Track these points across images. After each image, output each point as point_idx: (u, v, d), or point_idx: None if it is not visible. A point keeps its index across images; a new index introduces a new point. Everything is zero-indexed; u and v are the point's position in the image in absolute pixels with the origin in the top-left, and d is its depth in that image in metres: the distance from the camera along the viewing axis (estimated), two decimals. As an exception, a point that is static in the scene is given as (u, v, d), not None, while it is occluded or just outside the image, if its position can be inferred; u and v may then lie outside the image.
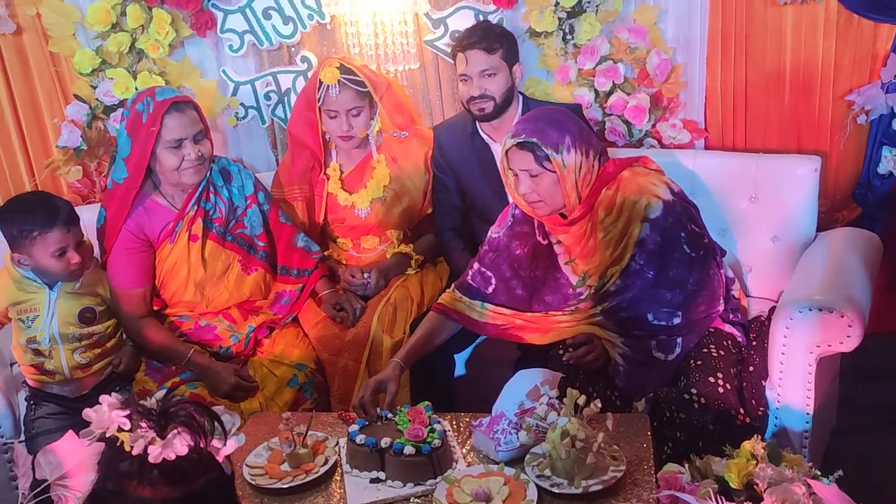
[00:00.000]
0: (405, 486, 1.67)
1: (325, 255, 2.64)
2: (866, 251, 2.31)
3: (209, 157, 2.31)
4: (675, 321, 1.97)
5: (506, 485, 1.60)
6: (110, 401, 1.33)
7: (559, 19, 2.68)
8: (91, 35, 2.81)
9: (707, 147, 2.78)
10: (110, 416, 1.15)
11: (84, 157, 2.91)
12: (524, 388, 1.81)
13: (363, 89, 2.47)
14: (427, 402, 1.83)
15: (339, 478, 1.75)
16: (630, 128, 2.77)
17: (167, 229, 2.34)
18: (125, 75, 2.82)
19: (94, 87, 2.85)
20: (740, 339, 2.12)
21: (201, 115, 2.31)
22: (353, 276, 2.55)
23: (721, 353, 2.01)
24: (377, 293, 2.53)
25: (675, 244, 1.96)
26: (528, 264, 2.16)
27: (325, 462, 1.75)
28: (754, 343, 2.15)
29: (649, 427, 1.81)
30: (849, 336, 1.93)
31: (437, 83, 2.91)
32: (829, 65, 2.59)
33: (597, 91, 2.76)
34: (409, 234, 2.71)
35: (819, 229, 2.47)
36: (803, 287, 2.12)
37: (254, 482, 1.71)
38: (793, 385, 2.02)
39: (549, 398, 1.74)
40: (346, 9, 2.74)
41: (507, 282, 2.17)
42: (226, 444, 1.08)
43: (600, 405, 1.65)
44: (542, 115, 2.06)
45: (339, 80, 2.44)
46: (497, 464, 1.70)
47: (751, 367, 2.08)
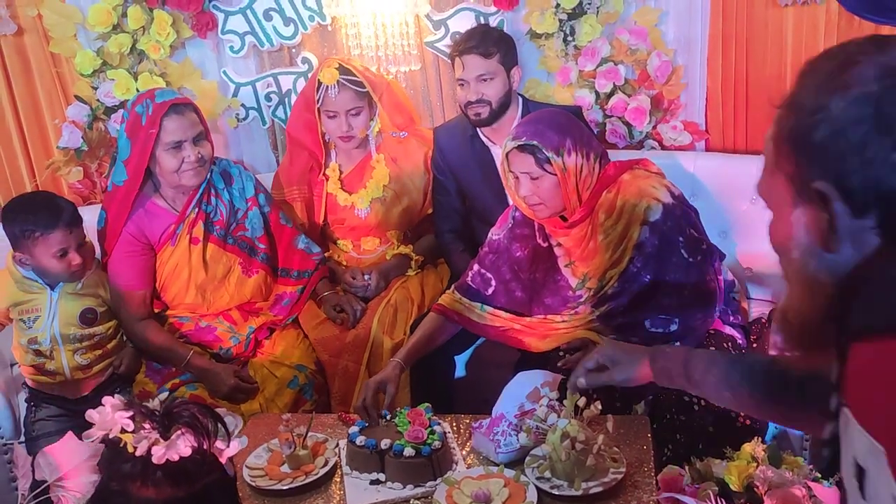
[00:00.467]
0: (405, 487, 1.67)
1: (326, 256, 2.64)
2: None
3: (209, 158, 2.31)
4: (672, 328, 1.96)
5: (506, 486, 1.59)
6: (113, 402, 1.33)
7: (560, 21, 2.68)
8: (92, 36, 2.81)
9: (708, 149, 2.78)
10: (113, 417, 1.15)
11: (85, 158, 2.91)
12: (524, 390, 1.80)
13: (362, 89, 2.47)
14: (427, 404, 1.82)
15: (338, 479, 1.74)
16: (631, 129, 2.77)
17: (168, 232, 2.34)
18: (126, 76, 2.83)
19: (95, 88, 2.86)
20: (741, 342, 2.11)
21: (201, 116, 2.31)
22: (353, 278, 2.55)
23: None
24: (377, 294, 2.53)
25: (673, 248, 1.96)
26: (528, 266, 2.15)
27: (325, 463, 1.74)
28: (755, 345, 2.15)
29: (649, 429, 1.80)
30: (849, 338, 1.92)
31: (438, 85, 2.91)
32: (830, 66, 2.59)
33: (597, 93, 2.76)
34: (409, 234, 2.71)
35: (820, 231, 2.47)
36: (804, 289, 2.12)
37: (253, 483, 1.71)
38: (793, 387, 2.01)
39: (549, 400, 1.74)
40: (347, 10, 2.74)
41: (507, 284, 2.17)
42: (229, 445, 1.09)
43: (600, 407, 1.65)
44: (543, 117, 2.05)
45: (339, 81, 2.44)
46: (497, 465, 1.69)
47: (751, 370, 2.07)
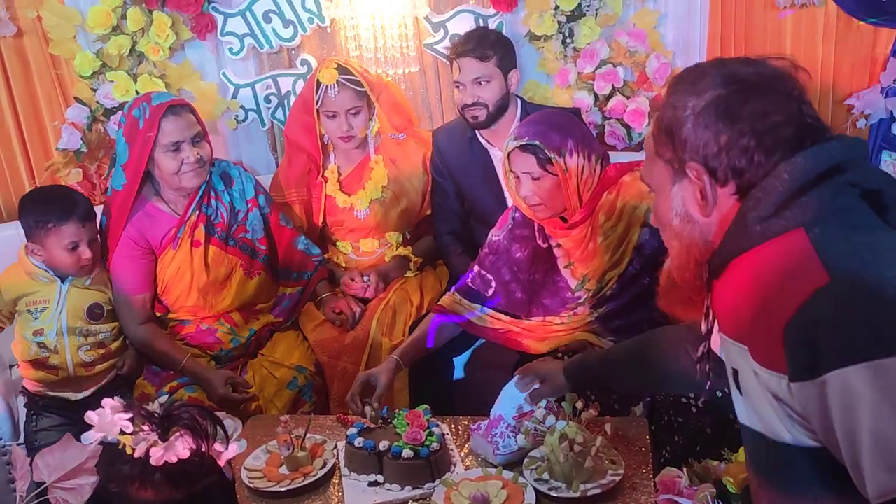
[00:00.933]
0: (403, 489, 1.66)
1: (325, 258, 2.64)
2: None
3: (208, 159, 2.31)
4: None
5: (504, 488, 1.59)
6: (113, 404, 1.34)
7: (559, 23, 2.69)
8: (91, 38, 2.82)
9: (706, 150, 2.78)
10: (112, 419, 1.15)
11: (84, 160, 2.92)
12: (522, 392, 1.81)
13: (361, 89, 2.47)
14: (426, 406, 1.82)
15: (337, 481, 1.74)
16: (629, 131, 2.77)
17: (169, 235, 2.33)
18: (125, 78, 2.83)
19: (95, 90, 2.86)
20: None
21: (198, 117, 2.31)
22: (352, 280, 2.55)
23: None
24: (376, 296, 2.53)
25: None
26: (527, 268, 2.15)
27: (324, 465, 1.74)
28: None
29: (648, 431, 1.80)
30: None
31: (437, 87, 2.92)
32: (829, 69, 2.59)
33: (596, 95, 2.76)
34: (408, 236, 2.71)
35: (819, 233, 2.47)
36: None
37: (252, 485, 1.71)
38: (791, 389, 2.01)
39: (548, 402, 1.74)
40: (346, 12, 2.75)
41: (507, 285, 2.17)
42: (227, 448, 1.09)
43: (598, 409, 1.65)
44: (545, 118, 2.05)
45: (338, 81, 2.44)
46: (495, 467, 1.69)
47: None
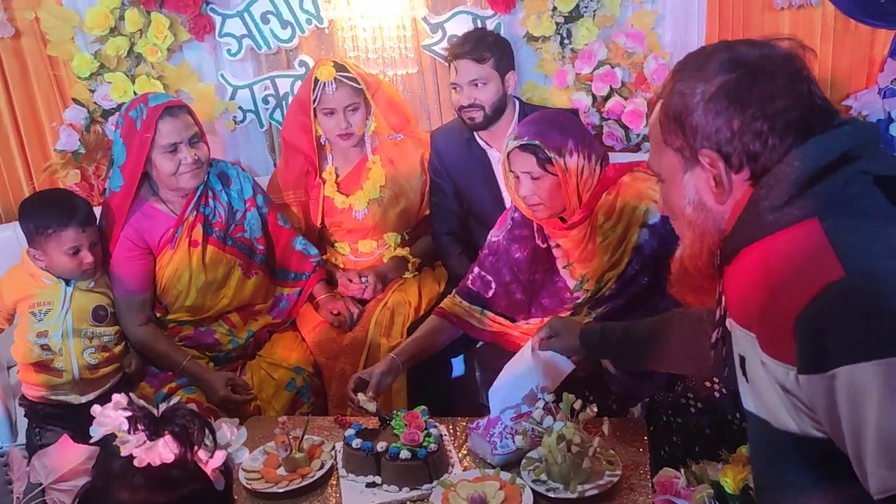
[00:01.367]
0: (401, 490, 1.67)
1: (323, 259, 2.64)
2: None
3: (206, 160, 2.31)
4: None
5: (502, 489, 1.59)
6: (118, 399, 1.34)
7: (557, 24, 2.69)
8: (89, 39, 2.82)
9: (704, 151, 2.78)
10: (113, 414, 1.15)
11: (82, 161, 2.91)
12: (518, 393, 1.81)
13: (358, 86, 2.48)
14: (423, 407, 1.82)
15: (335, 482, 1.74)
16: (627, 132, 2.77)
17: (167, 235, 2.33)
18: (123, 79, 2.83)
19: (93, 91, 2.86)
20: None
21: (195, 118, 2.31)
22: (350, 281, 2.55)
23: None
24: (374, 297, 2.53)
25: (671, 251, 1.95)
26: (527, 268, 2.15)
27: (322, 466, 1.74)
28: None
29: (645, 431, 1.80)
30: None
31: (436, 88, 2.92)
32: (827, 70, 2.60)
33: (594, 95, 2.76)
34: (406, 237, 2.71)
35: (817, 234, 2.47)
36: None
37: (249, 486, 1.71)
38: (789, 390, 2.01)
39: (546, 402, 1.74)
40: (345, 13, 2.75)
41: (507, 286, 2.17)
42: (213, 456, 1.06)
43: (596, 409, 1.65)
44: (546, 117, 2.05)
45: (336, 77, 2.45)
46: (493, 468, 1.70)
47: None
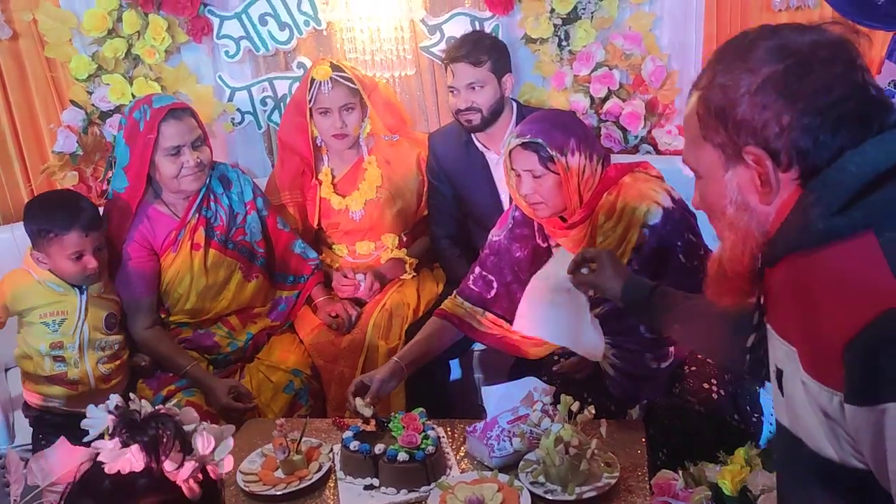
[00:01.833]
0: (399, 492, 1.67)
1: (321, 261, 2.63)
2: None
3: (208, 163, 2.31)
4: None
5: (499, 491, 1.59)
6: (111, 400, 1.34)
7: (554, 26, 2.69)
8: (87, 41, 2.82)
9: (702, 153, 2.78)
10: (101, 416, 1.15)
11: (80, 163, 2.91)
12: (517, 395, 1.81)
13: (354, 86, 2.48)
14: (421, 409, 1.82)
15: (332, 484, 1.74)
16: (626, 134, 2.77)
17: (170, 238, 2.33)
18: (121, 81, 2.83)
19: (91, 93, 2.86)
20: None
21: (199, 121, 2.30)
22: (344, 277, 2.55)
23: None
24: (372, 298, 2.53)
25: (671, 252, 1.95)
26: (528, 267, 2.14)
27: (319, 469, 1.74)
28: (749, 349, 2.15)
29: (643, 433, 1.80)
30: (843, 342, 1.92)
31: (433, 89, 2.92)
32: (824, 71, 2.59)
33: (592, 97, 2.76)
34: (404, 238, 2.71)
35: (814, 235, 2.47)
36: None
37: (247, 489, 1.71)
38: (788, 391, 2.01)
39: (543, 404, 1.74)
40: (343, 15, 2.74)
41: (509, 286, 2.16)
42: (181, 466, 1.04)
43: (594, 411, 1.65)
44: (548, 116, 2.05)
45: (332, 77, 2.45)
46: (491, 470, 1.69)
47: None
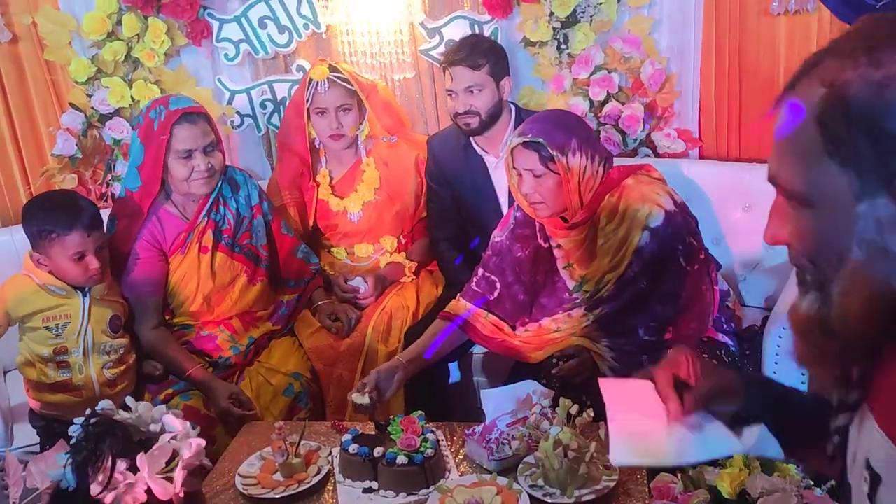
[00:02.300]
0: (398, 495, 1.66)
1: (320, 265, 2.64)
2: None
3: (220, 168, 2.31)
4: (666, 336, 1.95)
5: (498, 494, 1.59)
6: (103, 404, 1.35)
7: (553, 29, 2.69)
8: (87, 44, 2.82)
9: (701, 156, 2.78)
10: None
11: (79, 166, 2.91)
12: (515, 398, 1.81)
13: (351, 87, 2.49)
14: (420, 412, 1.82)
15: (331, 487, 1.74)
16: (624, 137, 2.77)
17: (178, 240, 2.33)
18: (121, 84, 2.83)
19: (90, 96, 2.86)
20: (733, 349, 2.11)
21: (213, 126, 2.30)
22: (345, 281, 2.55)
23: (714, 362, 2.01)
24: (374, 301, 2.52)
25: (672, 255, 1.95)
26: (529, 268, 2.14)
27: (318, 472, 1.74)
28: (748, 353, 2.15)
29: (643, 436, 1.80)
30: (842, 346, 1.93)
31: (433, 92, 2.92)
32: (823, 75, 2.60)
33: (591, 100, 2.76)
34: (402, 240, 2.71)
35: (813, 239, 2.47)
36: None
37: (246, 492, 1.71)
38: (786, 394, 2.01)
39: (542, 407, 1.74)
40: (342, 18, 2.75)
41: (510, 286, 2.16)
42: (105, 489, 1.07)
43: (593, 414, 1.65)
44: (550, 116, 2.05)
45: (329, 77, 2.46)
46: (490, 473, 1.69)
47: (744, 377, 2.07)
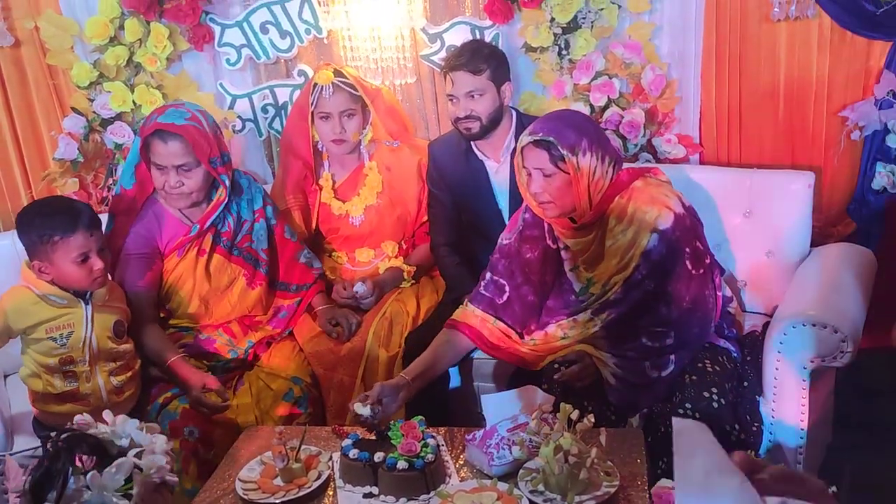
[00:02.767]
0: (398, 500, 1.66)
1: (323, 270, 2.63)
2: (861, 267, 2.31)
3: (196, 189, 2.28)
4: (668, 342, 1.95)
5: (499, 500, 1.59)
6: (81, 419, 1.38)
7: (554, 35, 2.70)
8: (89, 48, 2.83)
9: (702, 162, 2.79)
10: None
11: (80, 170, 2.92)
12: (518, 397, 1.81)
13: (356, 93, 2.50)
14: (420, 417, 1.82)
15: (332, 492, 1.74)
16: (625, 142, 2.77)
17: (177, 243, 2.34)
18: (122, 88, 2.84)
19: (92, 100, 2.87)
20: (735, 354, 2.11)
21: (197, 148, 2.22)
22: (344, 289, 2.55)
23: (716, 368, 2.01)
24: (373, 305, 2.52)
25: (679, 258, 1.95)
26: (538, 268, 2.13)
27: (318, 477, 1.74)
28: (749, 358, 2.15)
29: (643, 442, 1.80)
30: (843, 352, 1.93)
31: (434, 97, 2.93)
32: (823, 81, 2.60)
33: (592, 106, 2.77)
34: (403, 246, 2.71)
35: (814, 244, 2.47)
36: (798, 302, 2.12)
37: (246, 497, 1.71)
38: (787, 401, 2.01)
39: (543, 413, 1.74)
40: (343, 23, 2.75)
41: (519, 288, 2.15)
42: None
43: (594, 420, 1.65)
44: (562, 116, 2.05)
45: (333, 82, 2.46)
46: (490, 478, 1.69)
47: (745, 383, 2.07)
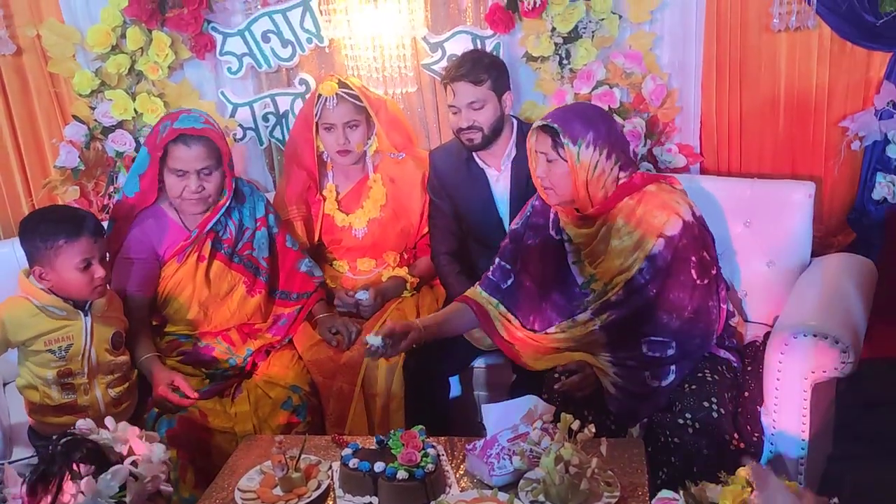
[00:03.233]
0: (398, 510, 1.66)
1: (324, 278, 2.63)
2: (861, 276, 2.31)
3: (214, 192, 2.31)
4: (669, 352, 1.95)
5: (499, 510, 1.59)
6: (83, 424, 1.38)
7: (555, 44, 2.70)
8: (91, 57, 2.83)
9: (702, 171, 2.79)
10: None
11: (81, 178, 2.92)
12: (516, 414, 1.80)
13: (360, 103, 2.50)
14: (421, 426, 1.82)
15: (331, 502, 1.73)
16: (626, 152, 2.78)
17: (177, 249, 2.34)
18: (124, 97, 2.84)
19: (93, 109, 2.87)
20: (735, 364, 2.11)
21: (220, 149, 2.27)
22: (347, 296, 2.55)
23: (716, 378, 2.01)
24: (373, 313, 2.52)
25: (684, 266, 1.95)
26: (537, 257, 2.16)
27: (318, 486, 1.74)
28: (749, 368, 2.15)
29: (644, 452, 1.80)
30: (844, 362, 1.93)
31: (435, 106, 2.93)
32: (823, 91, 2.60)
33: (593, 115, 2.77)
34: (405, 256, 2.71)
35: (814, 254, 2.47)
36: (798, 312, 2.12)
37: (245, 506, 1.70)
38: (788, 411, 2.01)
39: (544, 423, 1.73)
40: (345, 32, 2.76)
41: (519, 275, 2.19)
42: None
43: (594, 430, 1.65)
44: (577, 108, 2.13)
45: (338, 93, 2.47)
46: (491, 488, 1.69)
47: (746, 393, 2.07)
